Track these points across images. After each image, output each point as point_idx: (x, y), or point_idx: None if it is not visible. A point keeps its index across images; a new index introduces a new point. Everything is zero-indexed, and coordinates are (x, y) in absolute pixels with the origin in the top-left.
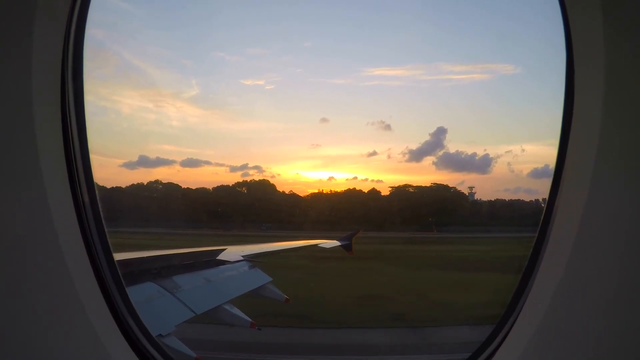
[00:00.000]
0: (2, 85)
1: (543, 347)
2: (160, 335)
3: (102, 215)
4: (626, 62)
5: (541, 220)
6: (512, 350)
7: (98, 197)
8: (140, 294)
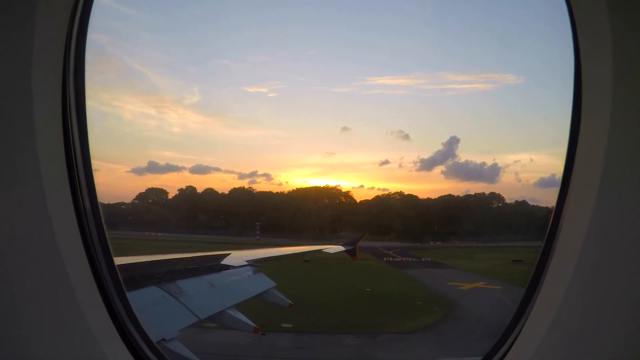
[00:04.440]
0: (2, 85)
1: (553, 350)
2: (163, 339)
3: (102, 218)
4: (635, 66)
5: (549, 225)
6: (522, 353)
7: (98, 199)
8: (144, 298)
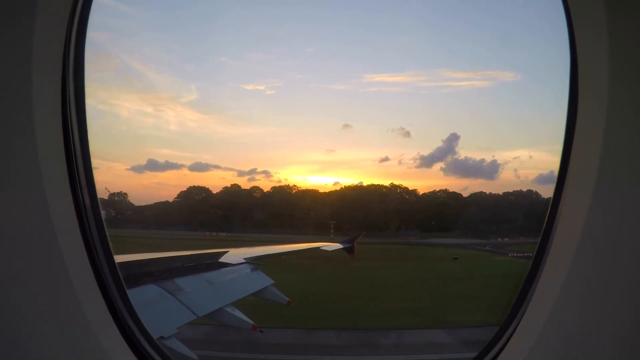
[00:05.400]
0: (2, 84)
1: (548, 349)
2: (162, 337)
3: (102, 216)
4: (631, 64)
5: (545, 223)
6: (517, 352)
7: (99, 198)
8: (142, 296)
